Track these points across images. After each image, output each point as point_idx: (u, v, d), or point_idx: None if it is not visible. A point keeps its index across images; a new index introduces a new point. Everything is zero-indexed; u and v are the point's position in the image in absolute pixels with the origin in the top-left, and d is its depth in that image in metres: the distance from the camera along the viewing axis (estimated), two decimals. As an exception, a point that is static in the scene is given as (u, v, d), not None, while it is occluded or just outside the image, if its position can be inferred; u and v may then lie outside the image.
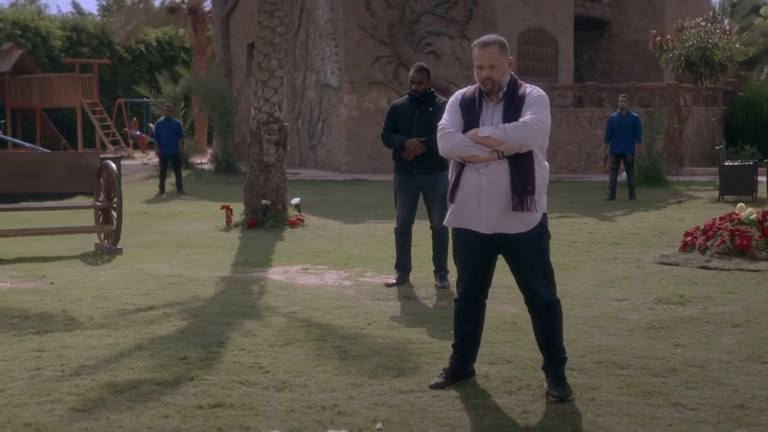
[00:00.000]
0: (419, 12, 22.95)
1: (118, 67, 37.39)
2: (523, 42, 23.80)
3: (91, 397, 5.05)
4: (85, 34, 36.87)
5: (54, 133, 33.45)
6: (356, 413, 4.75)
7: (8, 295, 8.10)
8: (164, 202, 18.07)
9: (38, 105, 32.70)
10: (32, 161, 10.93)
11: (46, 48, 35.08)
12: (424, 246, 9.45)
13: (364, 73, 23.00)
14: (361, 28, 22.98)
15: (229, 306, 7.54)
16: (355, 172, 23.15)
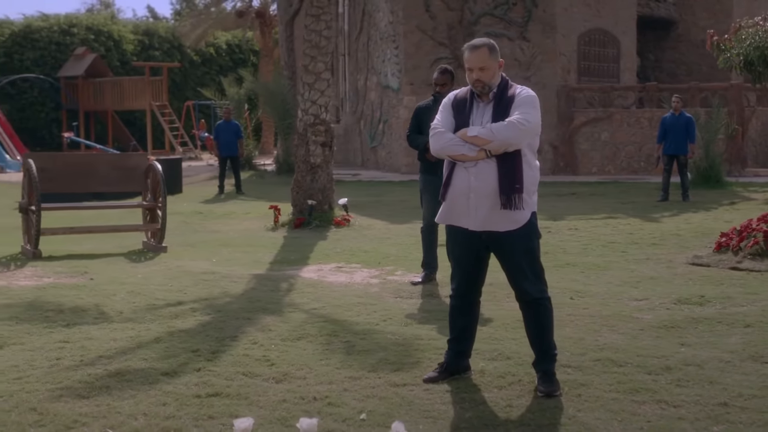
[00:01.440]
0: (478, 14, 23.02)
1: (188, 69, 38.12)
2: (583, 43, 23.70)
3: (98, 385, 5.30)
4: (157, 38, 37.67)
5: (125, 135, 34.27)
6: (345, 404, 4.91)
7: (48, 290, 8.45)
8: (221, 202, 18.44)
9: (110, 107, 33.53)
10: (82, 162, 11.34)
11: (119, 52, 35.93)
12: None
13: (424, 75, 23.10)
14: (421, 30, 23.13)
15: (254, 302, 7.77)
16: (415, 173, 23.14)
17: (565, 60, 23.17)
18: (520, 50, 22.88)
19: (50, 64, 34.12)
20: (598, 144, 22.76)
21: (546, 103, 22.74)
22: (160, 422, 4.62)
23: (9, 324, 7.02)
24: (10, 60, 33.51)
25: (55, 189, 11.00)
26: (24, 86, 33.57)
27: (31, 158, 10.81)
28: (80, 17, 36.76)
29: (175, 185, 20.43)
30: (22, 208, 10.78)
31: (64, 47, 34.42)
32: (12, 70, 33.28)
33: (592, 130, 22.81)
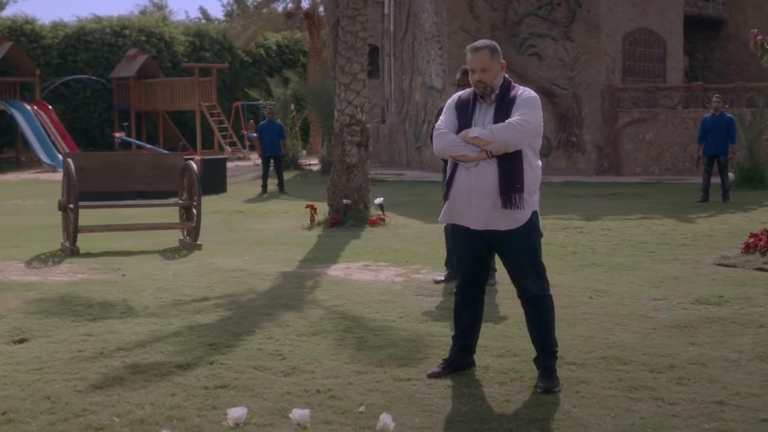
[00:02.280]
0: (522, 14, 23.01)
1: (238, 70, 38.52)
2: (628, 43, 23.57)
3: (113, 376, 5.49)
4: (208, 39, 38.11)
5: (176, 135, 34.75)
6: (347, 397, 5.04)
7: (80, 285, 8.69)
8: (263, 201, 18.66)
9: (161, 108, 34.03)
10: (119, 161, 11.61)
11: (170, 53, 36.43)
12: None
13: (467, 76, 23.18)
14: (465, 31, 23.17)
15: (277, 299, 7.93)
16: (458, 174, 23.32)
17: (609, 60, 23.06)
18: (564, 50, 22.83)
19: (103, 65, 34.71)
20: (643, 144, 22.63)
21: (590, 104, 22.71)
22: (165, 411, 4.79)
23: (38, 317, 7.25)
24: (64, 61, 34.16)
25: (94, 188, 11.28)
26: (77, 87, 34.21)
27: (70, 158, 11.09)
28: (132, 19, 37.33)
29: (220, 185, 20.73)
30: (61, 206, 11.06)
31: (116, 49, 35.00)
32: (66, 72, 33.92)
33: (637, 130, 22.68)
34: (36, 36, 33.81)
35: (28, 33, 33.66)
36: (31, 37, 33.66)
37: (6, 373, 5.59)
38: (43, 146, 28.90)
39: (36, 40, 33.72)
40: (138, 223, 12.19)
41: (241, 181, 24.26)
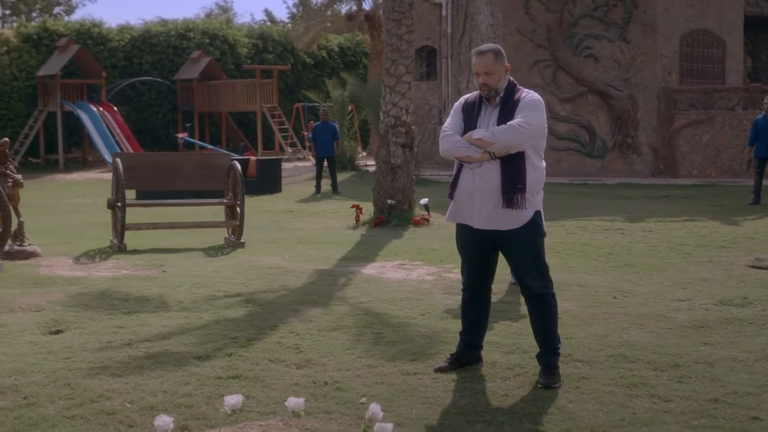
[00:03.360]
0: (578, 15, 22.96)
1: (301, 72, 38.91)
2: (686, 44, 23.36)
3: (133, 365, 5.75)
4: (271, 41, 38.56)
5: (238, 136, 35.26)
6: (353, 389, 5.22)
7: (121, 280, 9.02)
8: (315, 201, 18.94)
9: (224, 109, 34.57)
10: (167, 161, 11.95)
11: (233, 55, 36.95)
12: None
13: (523, 77, 23.14)
14: (520, 33, 23.22)
15: (307, 295, 8.15)
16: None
17: (666, 61, 22.89)
18: (620, 52, 22.72)
19: (167, 67, 35.37)
20: (699, 146, 22.42)
21: (646, 105, 22.58)
22: (176, 399, 5.02)
23: (76, 310, 7.57)
24: (129, 63, 34.89)
25: (142, 187, 11.66)
26: (142, 89, 34.90)
27: (119, 157, 11.46)
28: (197, 22, 37.95)
29: (275, 185, 21.09)
30: (110, 204, 11.42)
31: (180, 51, 35.63)
32: (131, 74, 34.65)
33: (693, 132, 22.49)
34: (103, 39, 34.60)
35: (96, 36, 34.46)
36: (98, 39, 34.45)
37: (35, 361, 5.88)
38: (108, 146, 29.58)
39: (103, 43, 34.50)
40: (184, 221, 12.51)
41: (298, 181, 24.58)
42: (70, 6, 47.81)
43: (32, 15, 44.73)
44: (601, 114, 22.79)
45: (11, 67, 32.04)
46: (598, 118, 22.83)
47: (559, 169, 22.66)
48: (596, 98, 22.76)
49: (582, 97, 22.86)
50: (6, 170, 10.68)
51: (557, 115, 22.77)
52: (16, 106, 31.96)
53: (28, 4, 45.67)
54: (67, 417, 4.73)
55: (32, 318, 7.32)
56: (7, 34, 33.67)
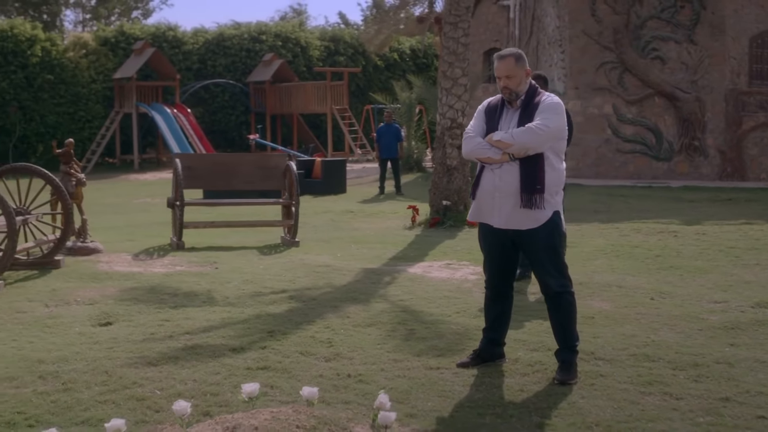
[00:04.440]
0: (645, 17, 22.77)
1: (372, 74, 39.23)
2: (755, 45, 23.00)
3: (170, 355, 6.03)
4: (342, 44, 38.96)
5: (310, 138, 35.71)
6: (374, 382, 5.42)
7: (174, 276, 9.35)
8: (377, 202, 19.16)
9: (295, 111, 35.05)
10: (226, 162, 12.28)
11: (305, 58, 37.43)
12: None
13: (589, 79, 23.13)
14: (587, 35, 23.12)
15: (349, 293, 8.36)
16: (578, 177, 23.28)
17: (734, 63, 22.58)
18: (687, 53, 22.48)
19: (240, 69, 35.98)
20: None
21: (714, 108, 22.31)
22: (204, 387, 5.28)
23: (127, 304, 7.91)
24: (203, 66, 35.58)
25: (201, 186, 12.00)
26: (216, 91, 35.56)
27: (178, 158, 11.82)
28: (269, 25, 38.49)
29: (339, 185, 21.36)
30: (170, 203, 11.79)
31: (253, 54, 36.22)
32: (205, 76, 35.33)
33: (762, 134, 22.15)
34: (178, 42, 35.34)
35: (171, 39, 35.22)
36: (173, 43, 35.21)
37: (80, 351, 6.21)
38: (181, 147, 30.21)
39: (178, 46, 35.24)
40: (240, 220, 12.83)
41: (364, 182, 24.85)
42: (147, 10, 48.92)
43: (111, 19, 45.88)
44: (667, 116, 22.58)
45: (89, 69, 32.94)
46: (665, 121, 22.62)
47: (624, 171, 22.54)
48: (663, 100, 22.54)
49: (648, 100, 22.67)
50: (70, 170, 11.10)
51: (623, 117, 22.64)
52: (93, 108, 32.85)
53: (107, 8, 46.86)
54: (100, 402, 5.01)
55: (85, 310, 7.68)
56: (86, 38, 34.62)
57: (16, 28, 31.78)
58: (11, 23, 32.35)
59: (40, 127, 31.61)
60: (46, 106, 31.84)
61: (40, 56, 31.72)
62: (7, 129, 31.18)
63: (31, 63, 31.48)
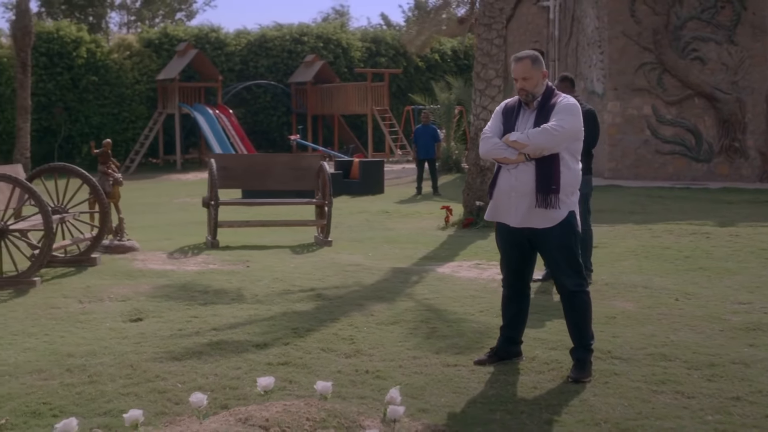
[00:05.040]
0: (685, 18, 22.65)
1: (413, 75, 39.35)
2: (798, 46, 22.79)
3: (195, 351, 6.19)
4: (384, 45, 39.13)
5: (351, 139, 35.92)
6: (391, 378, 5.53)
7: (206, 274, 9.53)
8: (414, 202, 19.25)
9: (336, 112, 35.28)
10: (260, 162, 12.46)
11: (347, 59, 37.65)
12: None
13: (628, 80, 23.04)
14: (626, 35, 23.03)
15: (376, 291, 8.48)
16: (618, 178, 23.22)
17: (776, 64, 22.39)
18: (728, 54, 22.31)
19: (282, 70, 36.28)
20: (811, 151, 21.87)
21: (755, 109, 22.14)
22: (224, 381, 5.42)
23: (158, 300, 8.09)
24: (245, 67, 35.92)
25: (235, 186, 12.17)
26: (258, 91, 35.88)
27: (214, 159, 12.02)
28: (311, 27, 38.76)
29: (377, 186, 21.49)
30: (205, 203, 11.98)
31: (295, 55, 36.50)
32: (247, 77, 35.67)
33: (804, 136, 21.95)
34: (220, 43, 35.71)
35: (213, 41, 35.60)
36: (216, 44, 35.58)
37: (108, 345, 6.39)
38: (223, 148, 30.54)
39: (220, 47, 35.61)
40: (274, 219, 13.00)
41: (402, 183, 24.96)
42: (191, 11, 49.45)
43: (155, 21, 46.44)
44: (707, 117, 22.43)
45: (133, 71, 33.42)
46: (705, 122, 22.47)
47: (664, 173, 22.44)
48: (703, 101, 22.39)
49: (688, 101, 22.54)
50: (108, 169, 11.33)
51: (662, 118, 22.54)
52: (137, 109, 33.32)
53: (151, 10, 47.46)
54: (123, 394, 5.18)
55: (117, 307, 7.87)
56: (130, 40, 35.13)
57: (62, 30, 32.35)
58: (57, 25, 32.93)
59: (85, 127, 32.13)
60: (91, 107, 32.38)
61: (85, 58, 32.28)
62: (52, 129, 31.74)
63: (76, 65, 32.04)
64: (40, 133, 30.93)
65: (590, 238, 8.92)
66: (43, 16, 42.31)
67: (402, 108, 36.60)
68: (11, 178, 9.05)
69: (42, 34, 31.26)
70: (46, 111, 31.51)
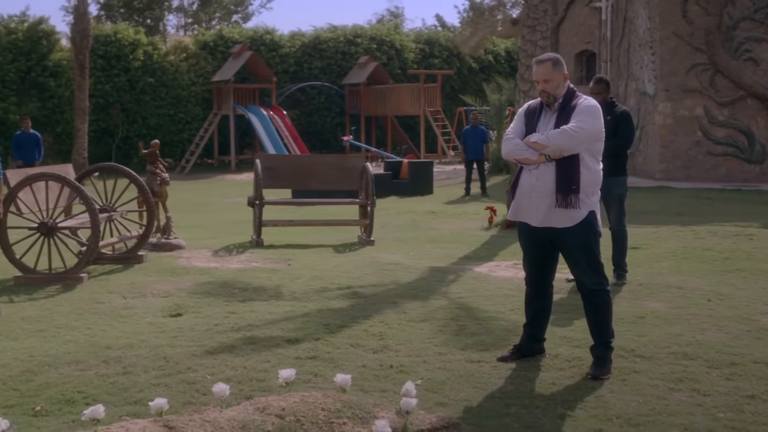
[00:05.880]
0: (737, 18, 22.44)
1: (467, 76, 39.42)
2: None
3: (228, 345, 6.39)
4: (437, 46, 39.25)
5: (404, 140, 36.09)
6: (414, 372, 5.67)
7: (247, 272, 9.76)
8: (461, 203, 19.35)
9: (389, 113, 35.48)
10: (305, 162, 12.69)
11: (400, 60, 37.83)
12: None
13: (680, 81, 22.90)
14: (678, 36, 22.89)
15: (412, 290, 8.63)
16: (669, 180, 23.10)
17: (831, 64, 22.10)
18: (782, 55, 22.09)
19: (336, 72, 36.59)
20: None
21: (808, 110, 21.89)
22: (252, 374, 5.62)
23: (199, 297, 8.33)
24: (300, 69, 36.28)
25: (280, 186, 12.40)
26: (312, 93, 36.23)
27: (259, 159, 12.27)
28: (365, 29, 39.01)
29: (426, 186, 21.64)
30: (250, 202, 12.24)
31: (348, 56, 36.78)
32: (301, 78, 36.03)
33: None
34: (275, 45, 36.12)
35: (268, 42, 36.01)
36: (271, 46, 35.99)
37: (146, 339, 6.62)
38: (277, 148, 30.90)
39: (275, 49, 36.01)
40: (317, 219, 13.21)
41: (452, 183, 25.05)
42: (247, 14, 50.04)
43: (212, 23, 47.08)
44: (760, 118, 22.22)
45: (189, 73, 33.97)
46: (758, 123, 22.26)
47: (715, 174, 22.26)
48: (756, 102, 22.19)
49: (741, 102, 22.34)
50: (156, 169, 11.62)
51: (715, 119, 22.37)
52: (193, 110, 33.86)
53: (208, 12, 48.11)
54: (154, 384, 5.40)
55: (159, 303, 8.13)
56: (186, 42, 35.69)
57: (120, 33, 33.00)
58: (115, 28, 33.59)
59: (142, 128, 32.72)
60: (148, 108, 32.98)
61: (142, 60, 32.88)
62: (110, 130, 32.38)
63: (133, 67, 32.65)
64: (98, 134, 31.58)
65: (625, 239, 8.98)
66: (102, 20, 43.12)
67: (455, 109, 36.68)
68: (60, 177, 9.36)
69: (100, 37, 31.94)
70: (104, 112, 32.17)
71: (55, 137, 31.19)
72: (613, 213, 8.93)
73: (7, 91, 30.55)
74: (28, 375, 5.67)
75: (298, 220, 12.87)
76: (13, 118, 28.39)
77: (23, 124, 20.77)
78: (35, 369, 5.81)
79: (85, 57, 25.81)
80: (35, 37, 31.44)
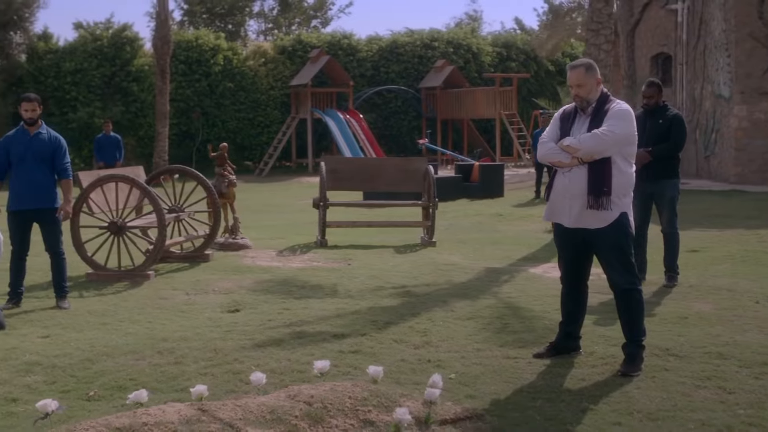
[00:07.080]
0: (816, 19, 22.11)
1: (544, 79, 39.35)
2: None
3: (276, 338, 6.70)
4: (514, 49, 39.25)
5: (480, 143, 36.20)
6: (450, 367, 5.90)
7: (307, 271, 10.08)
8: (530, 206, 19.40)
9: (465, 116, 35.64)
10: (369, 164, 12.97)
11: (477, 63, 37.93)
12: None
13: (756, 84, 22.61)
14: (753, 38, 22.60)
15: (464, 289, 8.84)
16: (744, 183, 22.81)
17: None
18: None
19: (413, 75, 36.87)
20: None
21: None
22: (295, 366, 5.91)
23: (257, 294, 8.68)
24: (377, 72, 36.66)
25: (346, 188, 12.71)
26: (389, 96, 36.58)
27: (324, 161, 12.60)
28: (442, 33, 39.22)
29: (497, 189, 21.75)
30: (315, 203, 12.57)
31: (425, 60, 37.04)
32: (378, 82, 36.39)
33: None
34: (352, 49, 36.55)
35: (345, 47, 36.47)
36: (348, 50, 36.44)
37: (201, 332, 6.97)
38: (353, 152, 31.30)
39: (352, 54, 36.45)
40: (381, 220, 13.48)
41: (524, 186, 25.08)
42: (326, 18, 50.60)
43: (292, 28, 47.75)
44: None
45: (268, 77, 34.61)
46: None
47: (793, 178, 21.97)
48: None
49: (818, 104, 22.01)
50: (224, 171, 12.03)
51: (791, 122, 22.08)
52: (271, 114, 34.49)
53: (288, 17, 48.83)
54: (201, 374, 5.72)
55: (219, 299, 8.49)
56: (266, 47, 36.36)
57: (201, 38, 33.79)
58: (196, 34, 34.41)
59: (222, 132, 33.43)
60: (227, 112, 33.71)
61: (222, 65, 33.61)
62: (191, 134, 33.17)
63: (213, 71, 33.41)
64: (179, 137, 32.38)
65: (677, 242, 9.06)
66: (185, 26, 44.12)
67: (531, 112, 36.65)
68: (129, 179, 9.81)
69: (182, 42, 32.77)
70: (185, 116, 32.96)
71: (138, 140, 32.10)
72: (665, 215, 9.02)
73: (92, 96, 31.56)
74: (87, 363, 6.06)
75: (361, 221, 13.15)
76: (97, 122, 29.27)
77: (105, 127, 21.53)
78: (94, 358, 6.19)
79: (166, 62, 26.55)
80: (119, 43, 32.40)
